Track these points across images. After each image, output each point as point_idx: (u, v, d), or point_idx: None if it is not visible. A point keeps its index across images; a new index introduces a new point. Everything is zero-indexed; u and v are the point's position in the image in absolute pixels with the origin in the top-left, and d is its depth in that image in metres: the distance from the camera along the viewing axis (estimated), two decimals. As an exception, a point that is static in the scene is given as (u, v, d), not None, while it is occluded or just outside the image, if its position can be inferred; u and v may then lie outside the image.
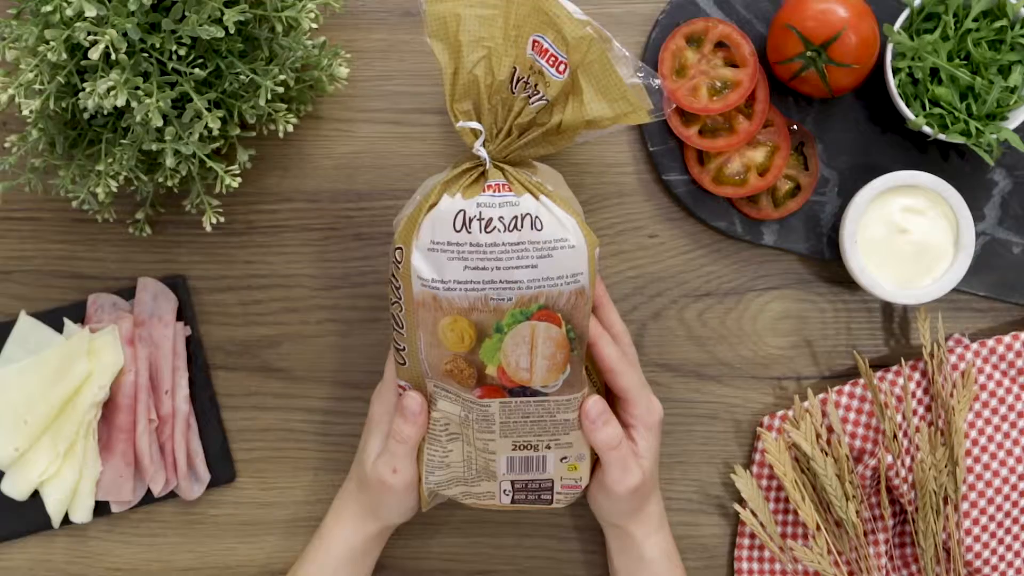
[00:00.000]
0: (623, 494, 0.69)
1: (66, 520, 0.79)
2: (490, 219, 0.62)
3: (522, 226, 0.63)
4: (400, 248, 0.65)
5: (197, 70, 0.66)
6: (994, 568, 0.77)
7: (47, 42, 0.63)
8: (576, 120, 0.64)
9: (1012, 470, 0.77)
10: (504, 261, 0.63)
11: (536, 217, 0.63)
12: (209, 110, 0.66)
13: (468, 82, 0.64)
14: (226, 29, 0.64)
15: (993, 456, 0.77)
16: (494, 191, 0.63)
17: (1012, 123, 0.74)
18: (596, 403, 0.68)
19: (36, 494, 0.79)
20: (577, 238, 0.63)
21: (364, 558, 0.74)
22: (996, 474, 0.77)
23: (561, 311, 0.64)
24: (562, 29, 0.63)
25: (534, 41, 0.63)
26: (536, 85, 0.64)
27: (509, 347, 0.64)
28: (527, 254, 0.63)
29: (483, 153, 0.65)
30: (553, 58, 0.63)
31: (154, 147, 0.67)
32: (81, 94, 0.64)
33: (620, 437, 0.69)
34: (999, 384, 0.78)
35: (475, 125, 0.64)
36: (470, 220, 0.63)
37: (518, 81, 0.64)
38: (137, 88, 0.64)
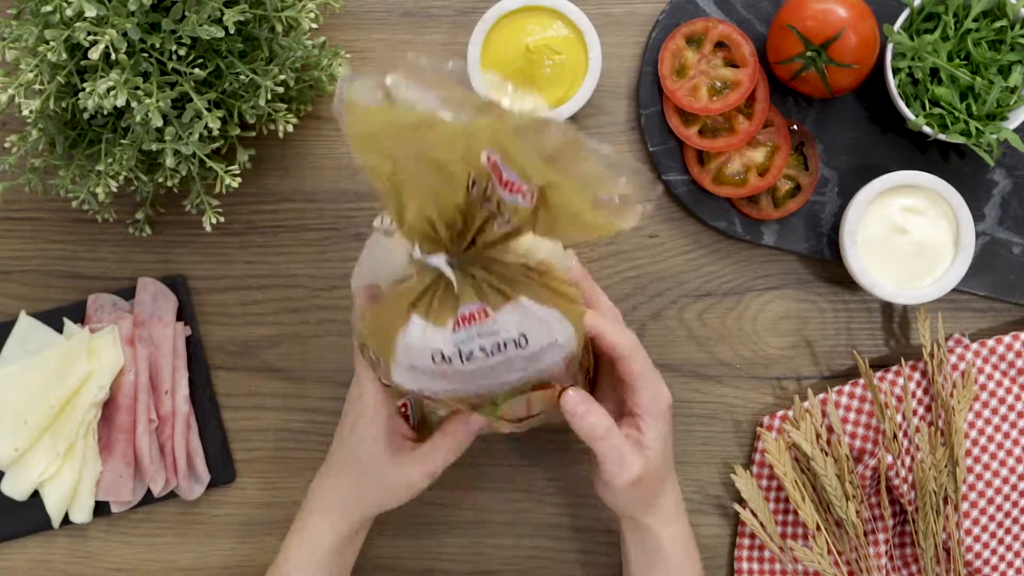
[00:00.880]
0: (623, 487, 0.66)
1: (66, 520, 0.79)
2: (471, 352, 0.57)
3: (505, 348, 0.58)
4: (375, 353, 0.61)
5: (197, 70, 0.66)
6: (994, 568, 0.77)
7: (47, 42, 0.63)
8: (550, 238, 0.57)
9: (1012, 470, 0.77)
10: (491, 377, 0.60)
11: (520, 335, 0.58)
12: (209, 110, 0.66)
13: (414, 218, 0.55)
14: (226, 29, 0.64)
15: (993, 456, 0.77)
16: (469, 322, 0.57)
17: (1012, 123, 0.74)
18: (573, 396, 0.64)
19: (36, 494, 0.79)
20: (563, 331, 0.59)
21: (347, 550, 0.73)
22: (996, 474, 0.77)
23: (555, 377, 0.62)
24: (523, 164, 0.53)
25: (489, 158, 0.53)
26: (499, 203, 0.54)
27: (505, 409, 0.65)
28: (514, 366, 0.59)
29: (448, 272, 0.56)
30: (515, 186, 0.53)
31: (154, 147, 0.67)
32: (81, 94, 0.64)
33: (607, 427, 0.65)
34: (999, 384, 0.78)
35: (437, 261, 0.56)
36: (449, 358, 0.58)
37: (474, 184, 0.54)
38: (137, 88, 0.64)
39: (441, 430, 0.68)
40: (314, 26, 0.70)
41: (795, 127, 0.79)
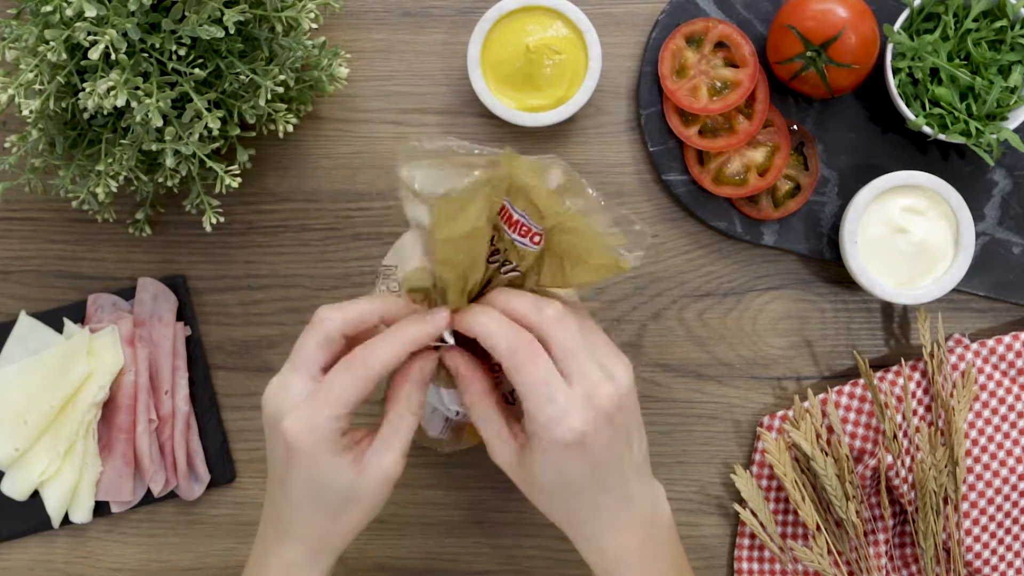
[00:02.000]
0: (554, 443, 0.54)
1: (66, 520, 0.79)
2: None
3: None
4: None
5: (197, 70, 0.66)
6: (994, 568, 0.77)
7: (47, 42, 0.63)
8: (555, 283, 0.58)
9: (1012, 470, 0.77)
10: None
11: None
12: (209, 110, 0.66)
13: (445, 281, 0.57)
14: (226, 29, 0.64)
15: (993, 456, 0.77)
16: None
17: (1012, 123, 0.74)
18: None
19: (36, 494, 0.79)
20: None
21: None
22: (996, 474, 0.77)
23: None
24: (532, 196, 0.56)
25: (501, 208, 0.56)
26: (506, 250, 0.57)
27: None
28: None
29: (451, 340, 0.58)
30: (526, 228, 0.56)
31: (154, 147, 0.67)
32: (81, 94, 0.64)
33: (482, 405, 0.57)
34: (999, 384, 0.78)
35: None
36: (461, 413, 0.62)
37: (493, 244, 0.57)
38: (137, 88, 0.64)
39: (392, 398, 0.58)
40: (314, 26, 0.70)
41: (795, 127, 0.79)
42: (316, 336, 0.56)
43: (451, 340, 0.57)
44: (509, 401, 0.61)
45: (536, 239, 0.56)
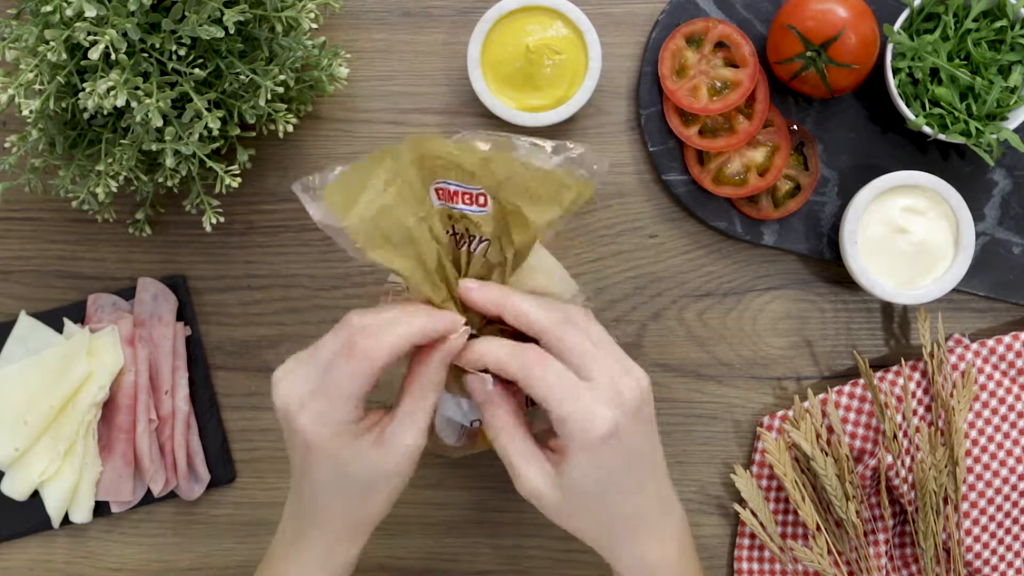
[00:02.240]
0: (589, 439, 0.54)
1: (66, 520, 0.79)
2: None
3: None
4: None
5: (197, 70, 0.66)
6: (994, 568, 0.77)
7: (47, 42, 0.63)
8: (530, 237, 0.58)
9: (1012, 470, 0.77)
10: None
11: None
12: (209, 110, 0.66)
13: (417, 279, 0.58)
14: (226, 29, 0.64)
15: (993, 456, 0.77)
16: None
17: (1012, 123, 0.74)
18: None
19: (36, 494, 0.79)
20: None
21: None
22: (996, 474, 0.77)
23: None
24: (458, 162, 0.56)
25: (437, 190, 0.57)
26: (467, 229, 0.58)
27: None
28: None
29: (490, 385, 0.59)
30: (467, 195, 0.57)
31: (154, 147, 0.67)
32: (81, 94, 0.64)
33: (509, 427, 0.58)
34: (999, 384, 0.78)
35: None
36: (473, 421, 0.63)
37: (452, 235, 0.58)
38: (137, 88, 0.64)
39: (412, 375, 0.58)
40: (314, 26, 0.70)
41: (795, 127, 0.79)
42: (358, 368, 0.55)
43: (490, 385, 0.58)
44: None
45: (482, 200, 0.57)
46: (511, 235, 0.58)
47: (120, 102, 0.63)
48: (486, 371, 0.58)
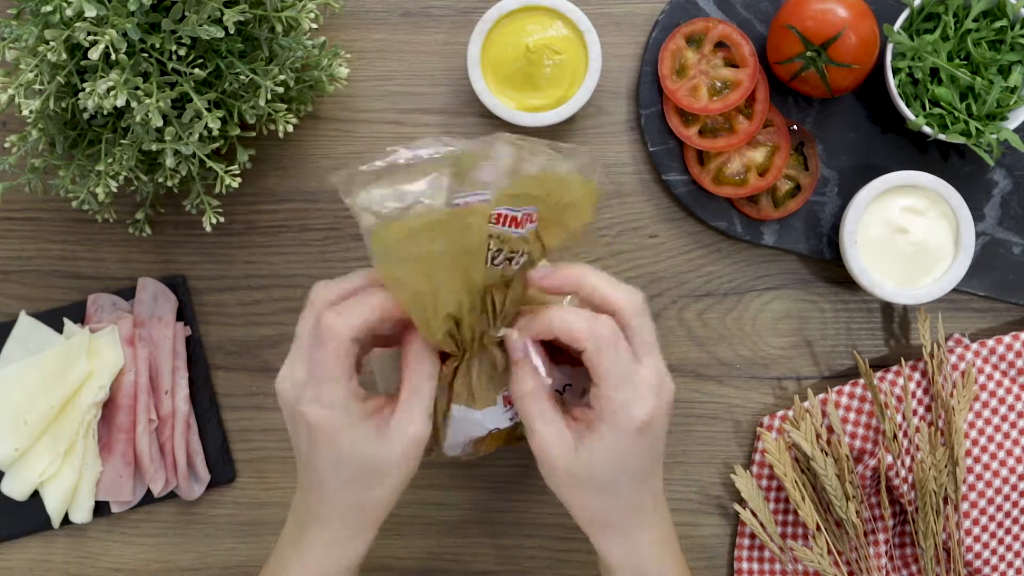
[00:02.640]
0: (626, 425, 0.56)
1: (66, 520, 0.79)
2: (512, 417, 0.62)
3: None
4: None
5: (197, 70, 0.66)
6: (994, 568, 0.77)
7: (47, 42, 0.63)
8: (559, 239, 0.59)
9: (1012, 470, 0.77)
10: None
11: None
12: (209, 110, 0.66)
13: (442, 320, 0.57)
14: (226, 29, 0.64)
15: (993, 456, 0.77)
16: (507, 403, 0.60)
17: (1012, 123, 0.74)
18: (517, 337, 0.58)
19: (36, 494, 0.79)
20: None
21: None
22: (996, 474, 0.77)
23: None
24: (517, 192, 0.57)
25: (496, 215, 0.56)
26: (511, 251, 0.57)
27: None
28: None
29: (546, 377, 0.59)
30: (516, 220, 0.57)
31: (154, 147, 0.67)
32: (81, 94, 0.64)
33: (531, 389, 0.58)
34: (999, 384, 0.78)
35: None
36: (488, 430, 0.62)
37: (491, 251, 0.57)
38: (137, 88, 0.64)
39: (406, 364, 0.58)
40: (314, 26, 0.70)
41: (795, 127, 0.79)
42: (331, 350, 0.56)
43: (546, 377, 0.59)
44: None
45: (534, 217, 0.57)
46: (546, 242, 0.59)
47: (120, 102, 0.63)
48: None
